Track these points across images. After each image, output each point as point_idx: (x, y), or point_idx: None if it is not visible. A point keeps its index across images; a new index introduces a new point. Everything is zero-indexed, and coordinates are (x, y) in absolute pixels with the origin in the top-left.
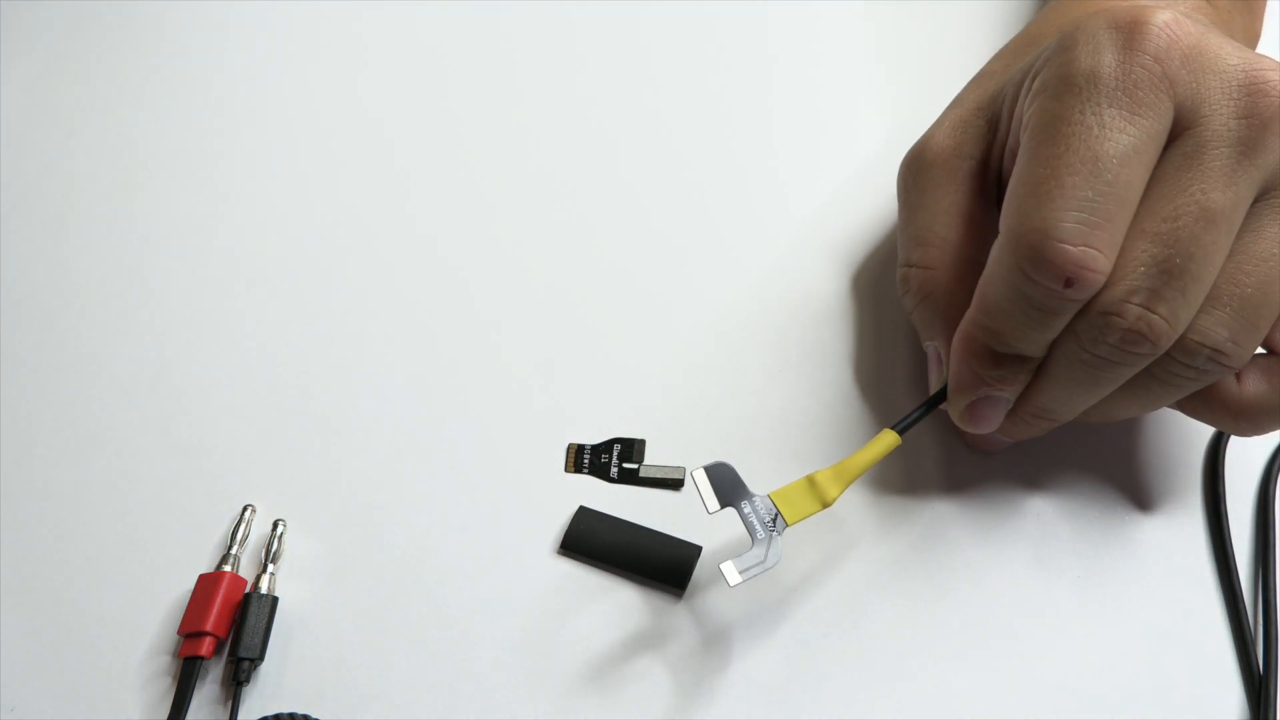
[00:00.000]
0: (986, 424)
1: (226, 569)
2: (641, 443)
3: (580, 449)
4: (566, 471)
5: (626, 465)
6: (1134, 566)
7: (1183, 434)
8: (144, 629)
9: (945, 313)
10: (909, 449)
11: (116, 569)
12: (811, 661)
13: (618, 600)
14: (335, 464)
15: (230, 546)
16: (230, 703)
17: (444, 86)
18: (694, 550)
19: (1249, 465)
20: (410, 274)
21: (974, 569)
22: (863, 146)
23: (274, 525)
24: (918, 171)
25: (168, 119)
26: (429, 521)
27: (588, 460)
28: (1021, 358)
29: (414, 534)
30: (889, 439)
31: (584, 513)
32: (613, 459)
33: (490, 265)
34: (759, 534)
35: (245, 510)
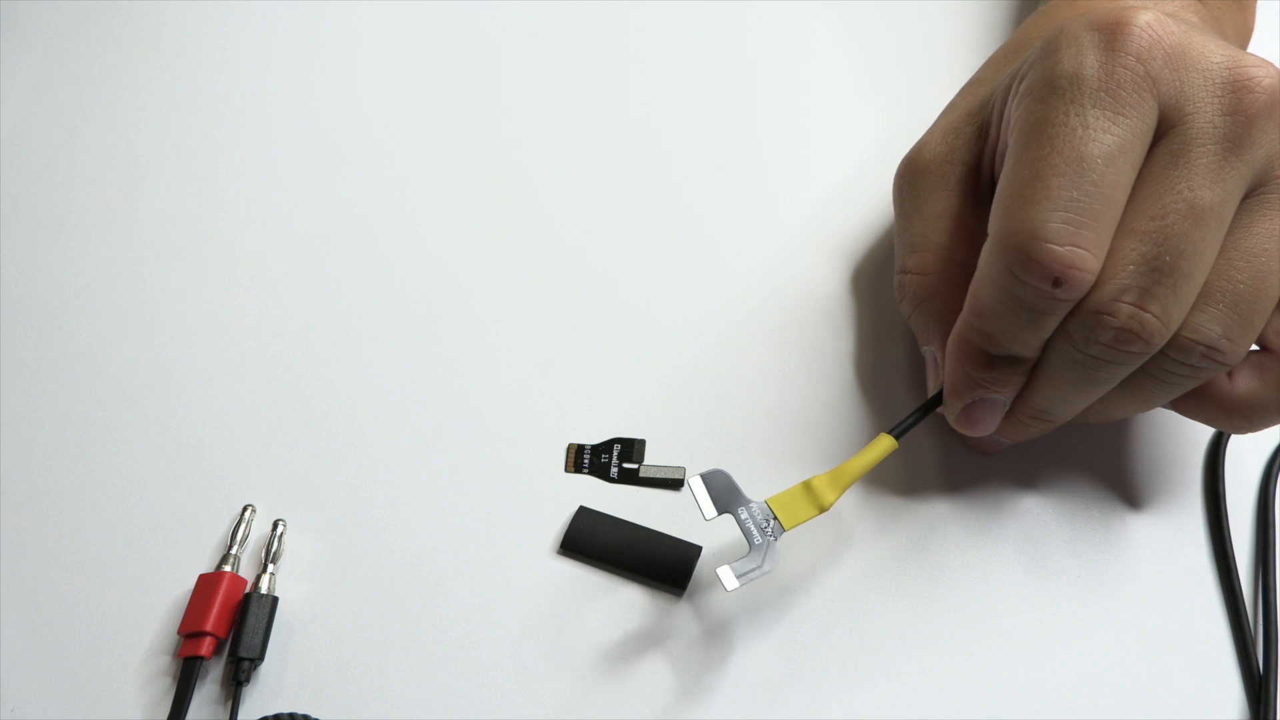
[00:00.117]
0: (983, 427)
1: (226, 569)
2: (641, 443)
3: (580, 449)
4: (566, 471)
5: (626, 465)
6: (1134, 567)
7: (1183, 434)
8: (144, 629)
9: (941, 317)
10: (910, 450)
11: (116, 569)
12: (811, 661)
13: (618, 600)
14: (335, 464)
15: (230, 546)
16: (230, 703)
17: (444, 87)
18: (694, 550)
19: (1249, 465)
20: (411, 274)
21: (974, 569)
22: (864, 145)
23: (274, 525)
24: (911, 179)
25: (168, 119)
26: (429, 521)
27: (588, 460)
28: (1015, 359)
29: (414, 534)
30: (885, 443)
31: (584, 513)
32: (613, 459)
33: (491, 266)
34: (756, 540)
35: (245, 510)
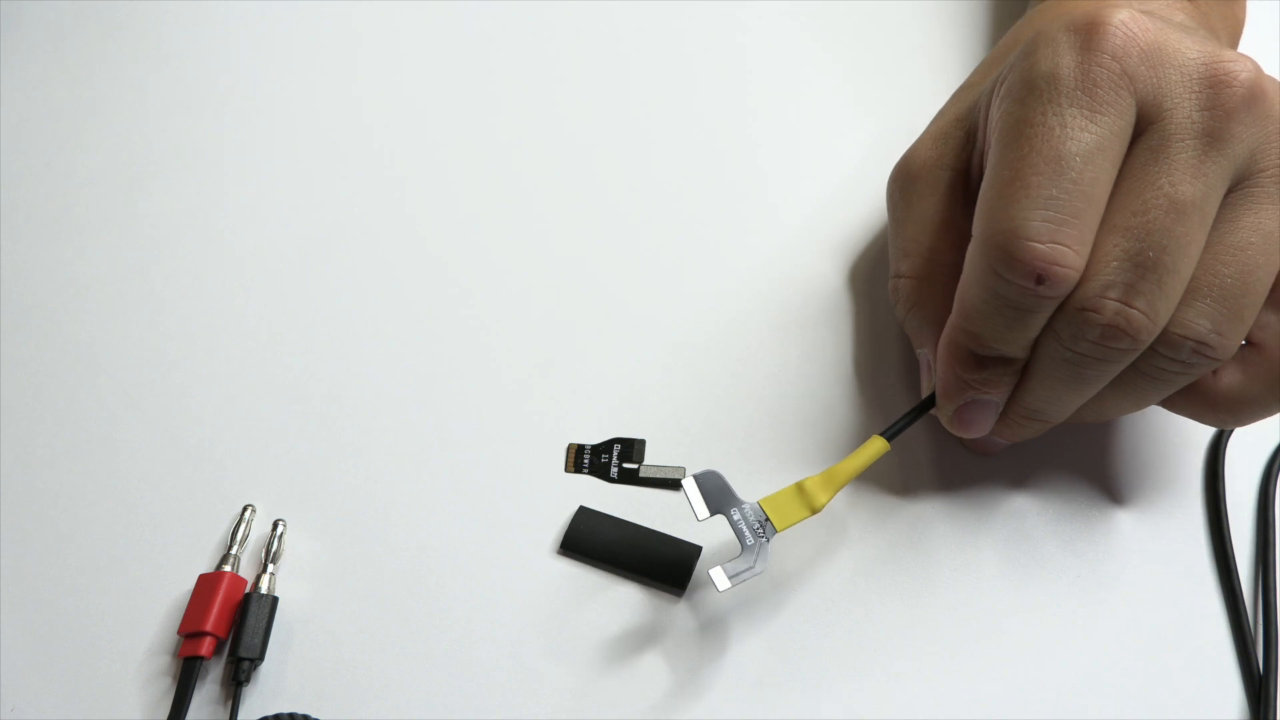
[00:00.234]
0: (976, 428)
1: (226, 569)
2: (641, 443)
3: (580, 449)
4: (566, 471)
5: (626, 465)
6: (1134, 566)
7: (1183, 434)
8: (144, 629)
9: (934, 320)
10: (909, 450)
11: (116, 569)
12: (811, 661)
13: (618, 600)
14: (335, 464)
15: (230, 546)
16: (230, 703)
17: (445, 88)
18: (694, 550)
19: (1249, 465)
20: (410, 275)
21: (973, 569)
22: (864, 144)
23: (274, 525)
24: (903, 184)
25: (168, 119)
26: (429, 521)
27: (588, 460)
28: (1004, 360)
29: (414, 534)
30: (878, 445)
31: (584, 513)
32: (613, 459)
33: (491, 267)
34: (748, 540)
35: (245, 510)
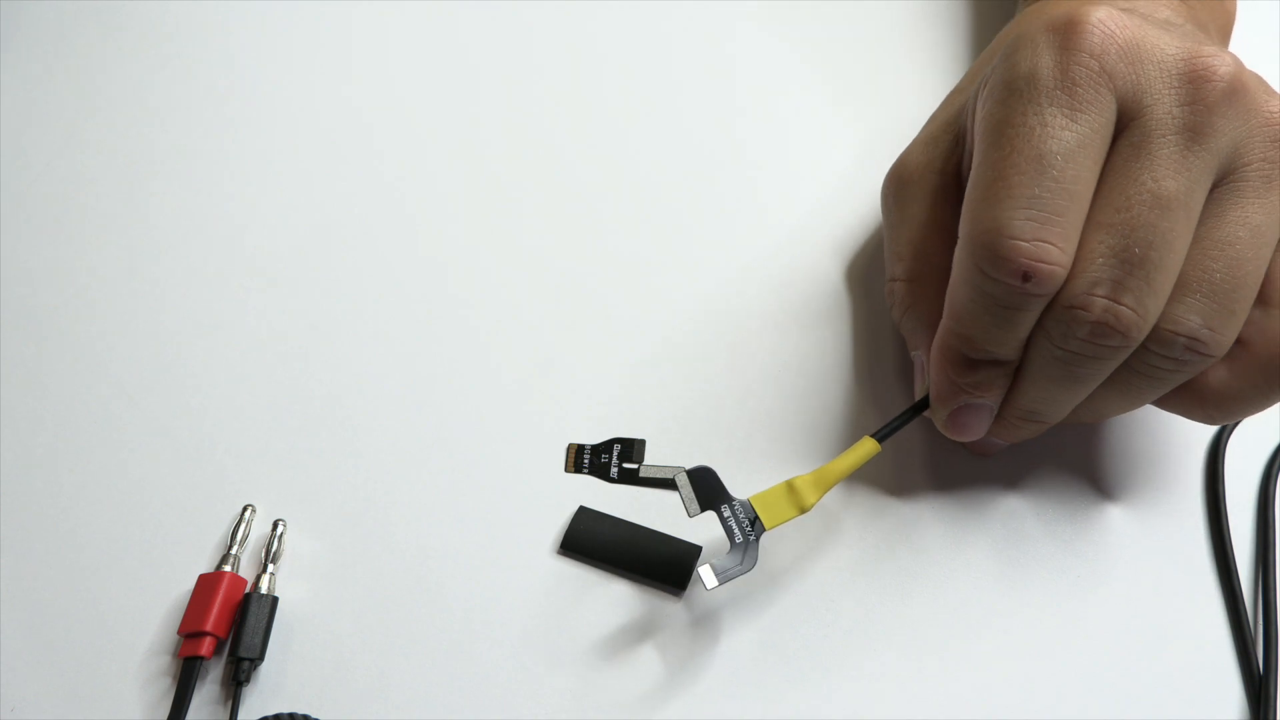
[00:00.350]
0: (970, 432)
1: (226, 569)
2: (641, 443)
3: (580, 449)
4: (566, 471)
5: (626, 465)
6: (1134, 566)
7: (1182, 434)
8: (144, 629)
9: (929, 322)
10: (910, 450)
11: (116, 569)
12: (813, 661)
13: (618, 600)
14: (335, 464)
15: (230, 546)
16: (230, 703)
17: (445, 88)
18: (694, 550)
19: (1249, 465)
20: (410, 275)
21: (974, 569)
22: (864, 144)
23: (274, 525)
24: (896, 189)
25: (168, 119)
26: (429, 521)
27: (588, 460)
28: (996, 362)
29: (414, 534)
30: (868, 446)
31: (584, 513)
32: (613, 459)
33: (491, 267)
34: (737, 538)
35: (245, 510)
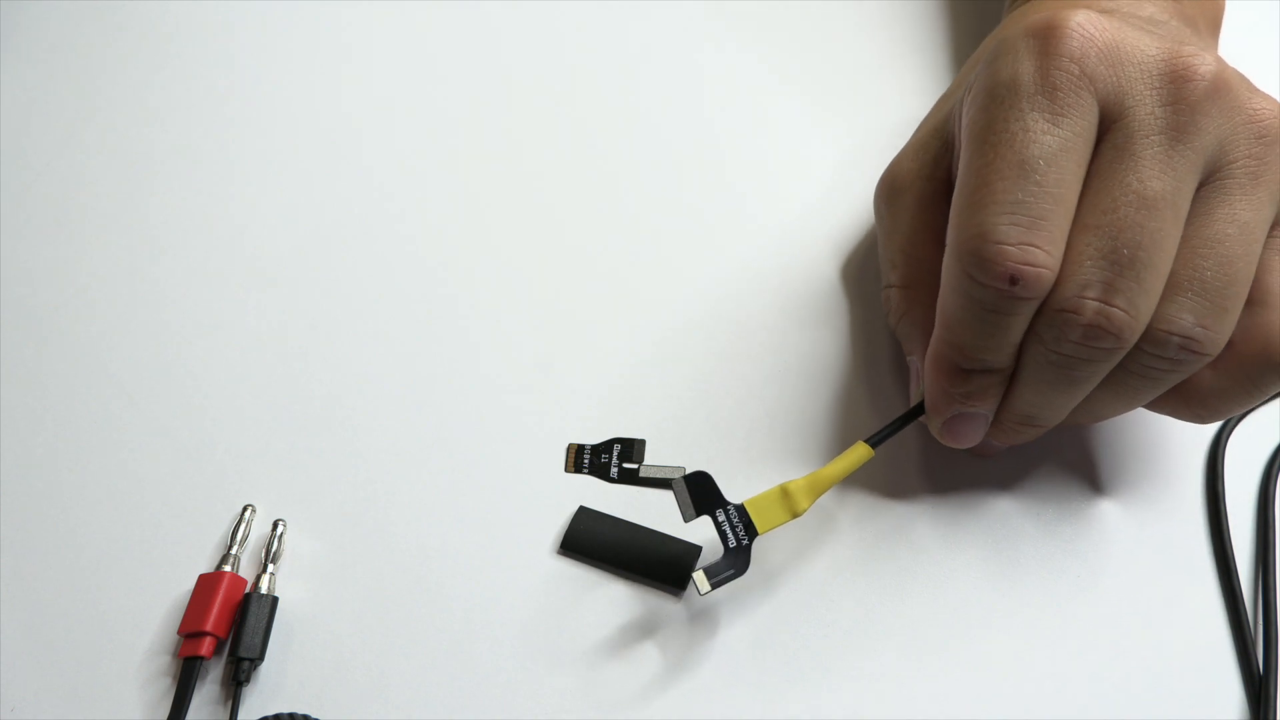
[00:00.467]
0: (966, 440)
1: (226, 569)
2: (641, 443)
3: (580, 449)
4: (566, 471)
5: (626, 465)
6: (1134, 566)
7: (1182, 433)
8: (144, 629)
9: (924, 327)
10: (910, 450)
11: (116, 569)
12: (813, 661)
13: (618, 600)
14: (335, 464)
15: (230, 546)
16: (230, 703)
17: (445, 88)
18: (694, 550)
19: (1249, 465)
20: (410, 274)
21: (974, 569)
22: (863, 143)
23: (274, 525)
24: (887, 196)
25: (168, 119)
26: (429, 521)
27: (588, 460)
28: (989, 370)
29: (414, 534)
30: (861, 451)
31: (584, 513)
32: (613, 459)
33: (491, 267)
34: (730, 543)
35: (245, 510)
